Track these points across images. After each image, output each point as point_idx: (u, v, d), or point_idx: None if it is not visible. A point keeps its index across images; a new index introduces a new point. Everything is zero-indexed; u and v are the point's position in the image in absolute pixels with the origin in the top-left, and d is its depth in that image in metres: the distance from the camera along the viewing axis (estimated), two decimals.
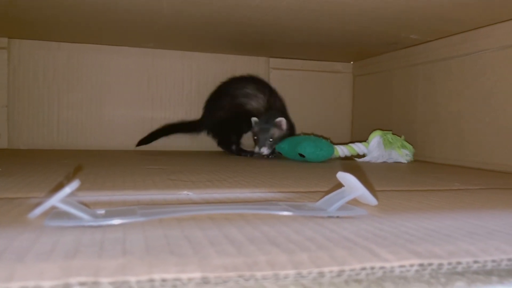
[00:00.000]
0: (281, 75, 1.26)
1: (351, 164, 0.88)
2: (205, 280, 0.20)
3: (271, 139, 0.96)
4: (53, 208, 0.28)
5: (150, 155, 0.96)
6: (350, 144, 0.95)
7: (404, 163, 0.91)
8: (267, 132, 0.96)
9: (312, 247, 0.24)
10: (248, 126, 1.01)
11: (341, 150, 0.93)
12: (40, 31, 0.98)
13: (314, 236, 0.26)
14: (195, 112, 1.17)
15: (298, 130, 1.17)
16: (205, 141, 1.16)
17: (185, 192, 0.44)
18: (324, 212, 0.34)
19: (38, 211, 0.29)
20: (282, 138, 0.97)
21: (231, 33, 0.94)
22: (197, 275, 0.20)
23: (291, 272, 0.21)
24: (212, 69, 1.19)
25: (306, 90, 1.28)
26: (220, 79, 1.16)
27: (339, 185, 0.37)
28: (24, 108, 1.07)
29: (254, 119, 0.98)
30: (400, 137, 0.94)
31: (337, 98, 1.31)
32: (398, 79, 1.10)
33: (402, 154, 0.92)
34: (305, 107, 1.28)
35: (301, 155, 0.86)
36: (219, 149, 1.13)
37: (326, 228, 0.29)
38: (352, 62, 1.31)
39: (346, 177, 0.36)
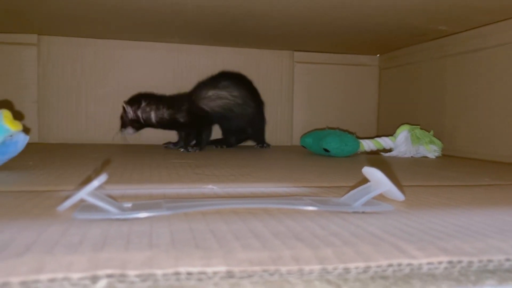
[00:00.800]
0: (306, 69, 1.25)
1: (377, 158, 0.86)
2: (230, 274, 0.20)
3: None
4: (81, 201, 0.29)
5: (176, 149, 0.97)
6: (376, 139, 0.93)
7: (432, 158, 0.89)
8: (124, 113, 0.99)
9: (337, 243, 0.24)
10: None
11: (367, 144, 0.92)
12: (68, 27, 1.00)
13: (339, 231, 0.26)
14: None
15: (323, 124, 1.16)
16: None
17: (210, 186, 0.44)
18: (349, 207, 0.33)
19: (67, 204, 0.30)
20: (130, 123, 0.99)
21: (254, 27, 0.94)
22: (222, 268, 0.20)
23: (316, 267, 0.21)
24: (236, 64, 1.19)
25: (331, 84, 1.27)
26: (243, 73, 1.17)
27: (365, 180, 0.36)
28: (53, 103, 1.10)
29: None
30: (429, 132, 0.92)
31: (362, 92, 1.29)
32: (426, 71, 1.07)
33: (430, 150, 0.90)
34: (330, 101, 1.27)
35: (325, 150, 0.86)
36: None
37: (352, 223, 0.28)
38: (378, 55, 1.29)
39: (372, 172, 0.35)
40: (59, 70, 1.09)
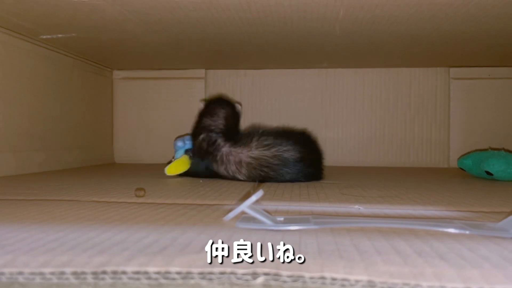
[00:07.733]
0: (464, 85, 1.16)
1: None
2: (371, 284, 0.21)
3: None
4: (242, 213, 0.34)
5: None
6: None
7: None
8: None
9: (485, 265, 0.23)
10: None
11: None
12: (229, 61, 1.14)
13: (489, 255, 0.25)
14: (367, 129, 1.18)
15: (484, 144, 1.07)
16: (376, 156, 1.16)
17: (356, 206, 0.46)
18: (506, 233, 0.31)
19: (231, 215, 0.35)
20: None
21: (406, 47, 0.92)
22: (364, 277, 0.22)
23: (459, 285, 0.21)
24: (386, 84, 1.18)
25: (495, 100, 1.15)
26: (393, 93, 1.16)
27: None
28: None
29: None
30: None
31: None
32: None
33: None
34: (493, 119, 1.15)
35: (488, 172, 0.78)
36: (391, 163, 1.15)
37: (505, 248, 0.27)
38: None
39: None
40: None
